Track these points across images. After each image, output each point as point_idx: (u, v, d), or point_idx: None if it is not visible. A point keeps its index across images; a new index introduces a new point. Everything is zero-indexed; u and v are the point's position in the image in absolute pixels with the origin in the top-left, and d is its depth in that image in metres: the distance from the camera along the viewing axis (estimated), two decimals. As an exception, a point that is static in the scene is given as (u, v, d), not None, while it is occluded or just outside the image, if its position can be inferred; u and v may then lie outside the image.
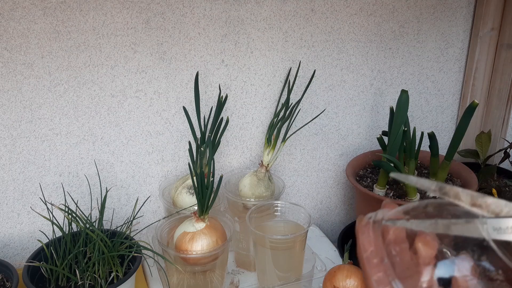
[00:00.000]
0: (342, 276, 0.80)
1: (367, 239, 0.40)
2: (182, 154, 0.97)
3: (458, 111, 1.18)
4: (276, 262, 0.82)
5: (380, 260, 0.38)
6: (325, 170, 1.11)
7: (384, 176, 0.92)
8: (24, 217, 0.90)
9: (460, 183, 0.96)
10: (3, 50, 0.79)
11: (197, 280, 0.81)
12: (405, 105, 0.88)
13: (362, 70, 1.05)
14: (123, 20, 0.84)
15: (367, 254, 0.39)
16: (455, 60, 1.13)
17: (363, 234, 0.40)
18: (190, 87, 0.92)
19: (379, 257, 0.39)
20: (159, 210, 1.00)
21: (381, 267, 0.38)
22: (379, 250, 0.39)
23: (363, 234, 0.40)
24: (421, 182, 0.39)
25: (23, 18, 0.78)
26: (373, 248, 0.39)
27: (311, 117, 1.02)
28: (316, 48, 0.99)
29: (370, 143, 1.12)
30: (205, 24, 0.89)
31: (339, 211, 1.17)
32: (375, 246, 0.39)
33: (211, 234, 0.78)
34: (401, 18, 1.04)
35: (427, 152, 0.97)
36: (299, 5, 0.94)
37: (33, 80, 0.82)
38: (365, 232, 0.40)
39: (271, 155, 0.93)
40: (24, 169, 0.87)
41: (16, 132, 0.84)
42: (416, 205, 0.40)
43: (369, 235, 0.40)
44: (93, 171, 0.91)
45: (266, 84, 0.98)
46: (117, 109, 0.89)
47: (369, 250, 0.39)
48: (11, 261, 0.89)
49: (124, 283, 0.76)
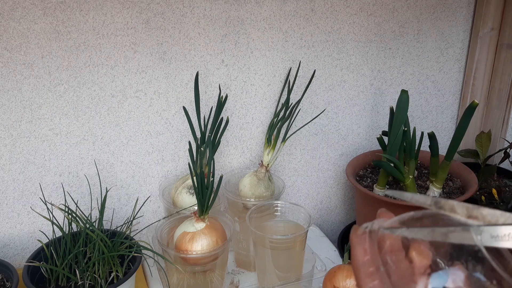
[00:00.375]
0: (342, 276, 0.80)
1: (362, 248, 0.40)
2: (182, 154, 0.97)
3: (458, 111, 1.18)
4: (276, 262, 0.82)
5: (376, 269, 0.39)
6: (325, 170, 1.11)
7: (384, 176, 0.92)
8: (24, 217, 0.90)
9: (460, 183, 0.96)
10: (3, 50, 0.79)
11: (197, 280, 0.81)
12: (405, 105, 0.88)
13: (362, 70, 1.05)
14: (123, 20, 0.84)
15: (363, 263, 0.39)
16: (455, 60, 1.13)
17: (358, 244, 0.40)
18: (190, 87, 0.92)
19: (375, 265, 0.39)
20: (159, 210, 1.00)
21: (377, 275, 0.38)
22: (375, 258, 0.39)
23: (359, 244, 0.40)
24: (416, 198, 0.39)
25: (23, 18, 0.78)
26: (369, 256, 0.39)
27: (311, 117, 1.02)
28: (316, 48, 0.99)
29: (370, 143, 1.12)
30: (205, 24, 0.89)
31: (339, 211, 1.17)
32: (371, 254, 0.39)
33: (211, 234, 0.78)
34: (401, 18, 1.04)
35: (427, 152, 0.97)
36: (299, 5, 0.94)
37: (33, 80, 0.82)
38: (361, 242, 0.40)
39: (271, 155, 0.93)
40: (24, 169, 0.87)
41: (16, 132, 0.84)
42: (412, 215, 0.40)
43: (365, 244, 0.40)
44: (93, 171, 0.91)
45: (266, 84, 0.98)
46: (117, 109, 0.89)
47: (365, 259, 0.39)
48: (11, 261, 0.89)
49: (124, 283, 0.76)
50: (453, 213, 0.37)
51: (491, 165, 1.07)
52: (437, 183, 0.92)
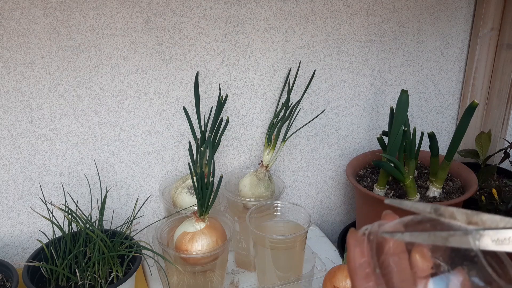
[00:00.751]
0: (342, 276, 0.80)
1: (359, 250, 0.40)
2: (182, 154, 0.97)
3: (458, 111, 1.18)
4: (276, 262, 0.82)
5: (372, 271, 0.39)
6: (325, 170, 1.11)
7: (384, 176, 0.92)
8: (24, 217, 0.90)
9: (460, 183, 0.96)
10: (3, 50, 0.79)
11: (197, 280, 0.81)
12: (405, 105, 0.88)
13: (362, 70, 1.05)
14: (123, 20, 0.84)
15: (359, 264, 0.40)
16: (455, 60, 1.13)
17: (355, 246, 0.40)
18: (190, 87, 0.92)
19: (371, 267, 0.39)
20: (159, 210, 1.00)
21: (373, 277, 0.39)
22: (372, 260, 0.39)
23: (355, 246, 0.40)
24: (416, 206, 0.39)
25: (23, 18, 0.78)
26: (366, 258, 0.39)
27: (311, 117, 1.02)
28: (316, 48, 0.99)
29: (370, 143, 1.12)
30: (205, 24, 0.89)
31: (339, 211, 1.17)
32: (368, 256, 0.39)
33: (211, 234, 0.78)
34: (401, 18, 1.04)
35: (427, 152, 0.97)
36: (299, 5, 0.94)
37: (33, 80, 0.82)
38: (358, 244, 0.40)
39: (271, 155, 0.93)
40: (24, 169, 0.87)
41: (16, 132, 0.84)
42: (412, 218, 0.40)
43: (362, 246, 0.40)
44: (93, 171, 0.91)
45: (266, 84, 0.98)
46: (117, 109, 0.89)
47: (362, 261, 0.40)
48: (11, 261, 0.89)
49: (124, 283, 0.76)
50: (453, 219, 0.37)
51: (491, 165, 1.07)
52: (437, 183, 0.92)
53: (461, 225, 0.37)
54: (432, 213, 0.38)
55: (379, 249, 0.40)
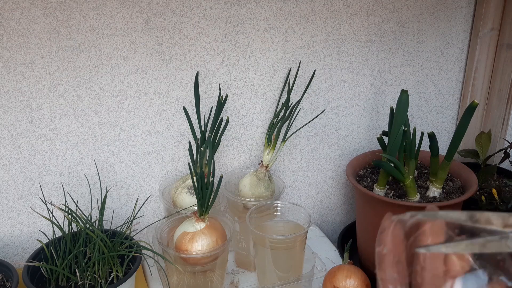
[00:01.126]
0: (342, 276, 0.80)
1: (391, 237, 0.40)
2: (182, 154, 0.97)
3: (458, 111, 1.18)
4: (276, 262, 0.82)
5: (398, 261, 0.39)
6: (325, 170, 1.11)
7: (384, 176, 0.92)
8: (24, 217, 0.90)
9: (460, 183, 0.96)
10: (3, 50, 0.79)
11: (197, 280, 0.81)
12: (405, 105, 0.88)
13: (362, 70, 1.05)
14: (123, 20, 0.84)
15: (389, 250, 0.39)
16: (455, 60, 1.13)
17: (391, 231, 0.40)
18: (190, 87, 0.92)
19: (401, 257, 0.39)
20: (159, 210, 1.00)
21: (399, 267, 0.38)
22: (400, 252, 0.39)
23: (392, 231, 0.40)
24: (451, 215, 0.39)
25: (23, 18, 0.78)
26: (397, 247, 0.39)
27: (311, 117, 1.02)
28: (316, 48, 0.99)
29: (370, 143, 1.12)
30: (205, 24, 0.89)
31: (339, 211, 1.17)
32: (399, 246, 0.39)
33: (211, 234, 0.78)
34: (401, 18, 1.04)
35: (427, 152, 0.97)
36: (299, 5, 0.94)
37: (33, 80, 0.82)
38: (394, 230, 0.40)
39: (271, 155, 0.93)
40: (24, 169, 0.87)
41: (16, 132, 0.84)
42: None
43: (395, 234, 0.40)
44: (93, 171, 0.91)
45: (266, 84, 0.98)
46: (117, 109, 0.89)
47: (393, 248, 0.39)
48: (11, 261, 0.89)
49: (124, 283, 0.76)
50: (489, 224, 0.37)
51: (491, 165, 1.07)
52: (437, 183, 0.92)
53: (497, 229, 0.36)
54: (468, 221, 0.38)
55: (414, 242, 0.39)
